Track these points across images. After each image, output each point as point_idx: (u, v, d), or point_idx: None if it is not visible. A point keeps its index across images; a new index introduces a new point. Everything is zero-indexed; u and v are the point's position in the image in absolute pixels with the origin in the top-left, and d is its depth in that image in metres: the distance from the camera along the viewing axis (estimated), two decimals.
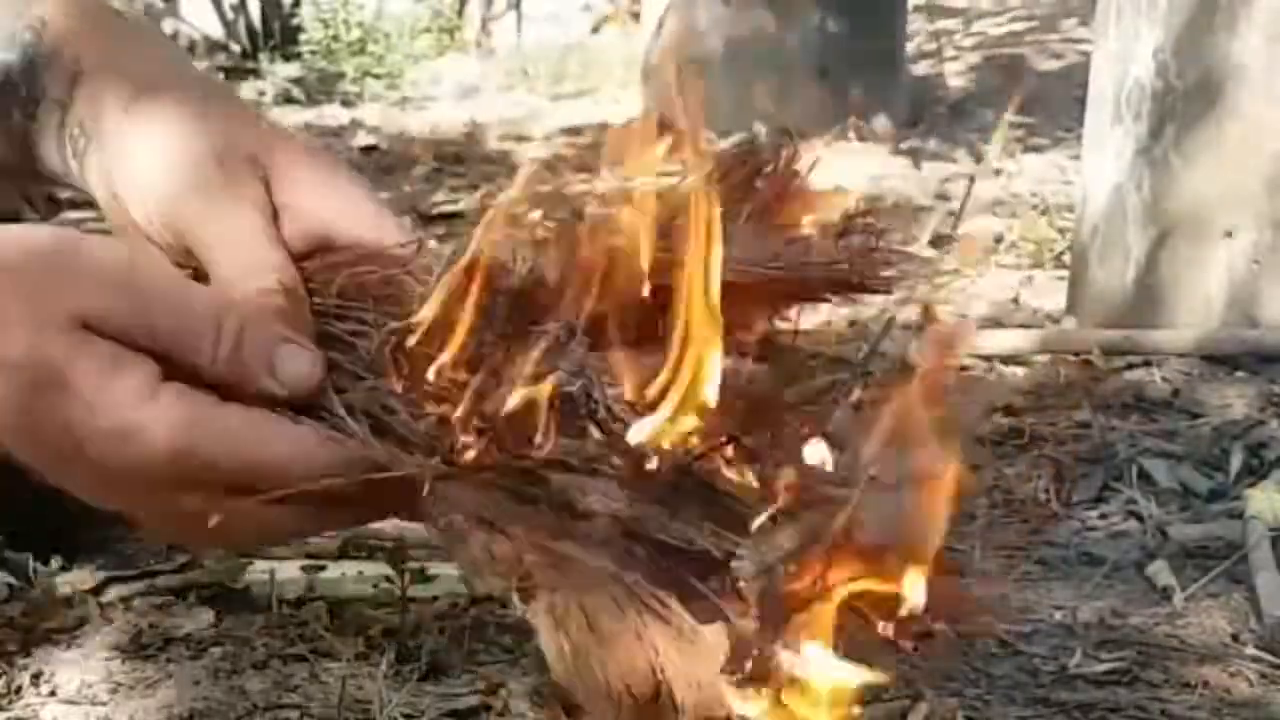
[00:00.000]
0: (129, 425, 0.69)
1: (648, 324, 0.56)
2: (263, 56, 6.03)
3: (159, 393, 0.69)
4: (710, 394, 0.53)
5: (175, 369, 0.69)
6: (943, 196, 3.02)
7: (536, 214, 0.59)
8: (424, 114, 4.95)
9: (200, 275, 0.74)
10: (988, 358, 1.79)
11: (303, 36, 6.07)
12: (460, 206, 3.06)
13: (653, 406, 0.54)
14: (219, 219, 0.73)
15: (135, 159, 0.78)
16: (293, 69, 5.79)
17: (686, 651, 0.53)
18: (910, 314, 0.71)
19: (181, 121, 0.77)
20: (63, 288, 0.69)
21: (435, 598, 1.06)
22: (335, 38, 5.99)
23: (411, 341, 0.62)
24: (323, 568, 1.13)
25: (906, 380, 0.49)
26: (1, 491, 0.87)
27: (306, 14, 6.18)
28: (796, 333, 0.60)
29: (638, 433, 0.53)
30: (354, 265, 0.70)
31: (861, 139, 3.79)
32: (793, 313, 0.60)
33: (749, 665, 0.51)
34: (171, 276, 0.72)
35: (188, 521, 0.77)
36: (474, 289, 0.59)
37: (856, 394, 0.55)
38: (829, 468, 0.54)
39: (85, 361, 0.69)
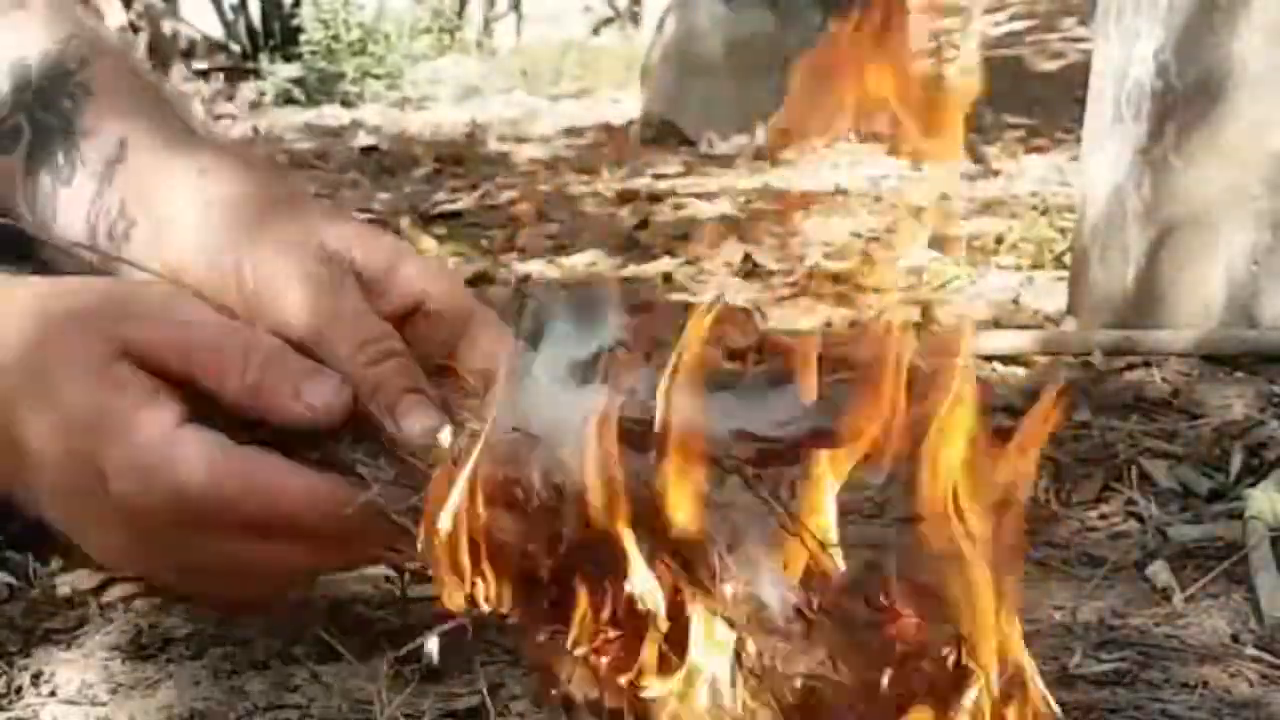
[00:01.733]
0: (153, 461, 0.73)
1: None
2: (263, 57, 6.03)
3: (183, 432, 0.73)
4: None
5: (205, 402, 0.75)
6: (942, 196, 3.01)
7: None
8: (424, 114, 4.95)
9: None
10: (988, 358, 1.78)
11: (303, 37, 6.07)
12: (460, 206, 3.06)
13: None
14: (331, 309, 0.79)
15: (222, 253, 0.81)
16: (293, 69, 5.79)
17: None
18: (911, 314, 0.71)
19: (282, 225, 0.81)
20: (114, 324, 0.75)
21: (435, 598, 1.06)
22: (335, 38, 6.00)
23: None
24: None
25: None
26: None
27: (306, 14, 6.18)
28: (796, 333, 0.61)
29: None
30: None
31: (861, 139, 3.78)
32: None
33: None
34: (208, 312, 0.77)
35: (205, 574, 0.82)
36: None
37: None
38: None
39: (121, 395, 0.72)
